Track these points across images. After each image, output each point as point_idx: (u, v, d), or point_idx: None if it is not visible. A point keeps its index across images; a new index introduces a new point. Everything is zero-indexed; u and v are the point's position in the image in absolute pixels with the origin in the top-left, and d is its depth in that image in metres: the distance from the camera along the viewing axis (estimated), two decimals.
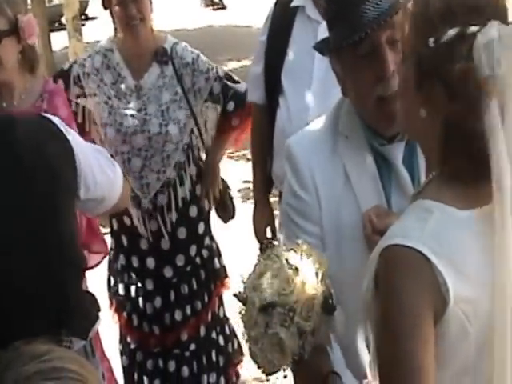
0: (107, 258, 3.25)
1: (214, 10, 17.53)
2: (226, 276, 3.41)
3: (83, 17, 15.24)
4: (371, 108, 1.66)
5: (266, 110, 2.95)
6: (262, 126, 3.02)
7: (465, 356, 1.34)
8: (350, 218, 1.66)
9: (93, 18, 16.04)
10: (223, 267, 3.42)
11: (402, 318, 1.31)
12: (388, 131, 1.69)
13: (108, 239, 3.21)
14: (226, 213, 3.41)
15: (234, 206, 3.42)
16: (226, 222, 3.44)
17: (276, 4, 2.93)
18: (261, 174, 3.12)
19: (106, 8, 3.09)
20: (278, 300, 1.49)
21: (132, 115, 3.07)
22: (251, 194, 5.96)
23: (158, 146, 3.08)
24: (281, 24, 2.86)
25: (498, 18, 1.27)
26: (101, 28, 14.11)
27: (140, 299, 3.30)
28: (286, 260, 1.55)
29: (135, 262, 3.27)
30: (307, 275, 1.52)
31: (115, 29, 3.15)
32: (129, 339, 3.37)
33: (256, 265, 1.58)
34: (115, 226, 3.30)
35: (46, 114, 2.12)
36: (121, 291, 3.33)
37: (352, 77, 1.69)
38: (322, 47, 1.79)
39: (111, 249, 3.31)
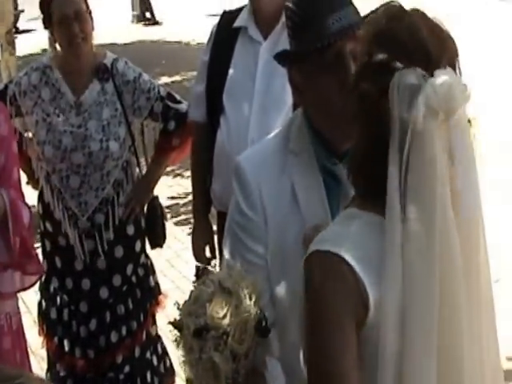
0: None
1: (146, 25, 17.49)
2: (160, 293, 3.40)
3: (14, 30, 15.01)
4: (335, 117, 1.66)
5: (207, 129, 2.96)
6: (202, 145, 3.02)
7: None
8: (296, 238, 1.65)
9: (24, 32, 15.80)
10: (157, 284, 3.41)
11: (323, 322, 1.34)
12: (344, 145, 1.68)
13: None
14: (155, 239, 3.37)
15: (164, 235, 3.39)
16: (152, 248, 3.41)
17: (219, 24, 2.97)
18: (200, 192, 3.11)
19: (46, 27, 3.08)
20: (212, 324, 1.50)
21: (71, 132, 3.05)
22: (180, 210, 6.13)
23: (99, 162, 3.05)
24: (223, 44, 2.89)
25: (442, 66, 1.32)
26: (33, 41, 14.02)
27: (73, 322, 3.23)
28: (220, 284, 1.56)
29: (69, 284, 3.22)
30: (240, 298, 1.53)
31: (52, 46, 3.15)
32: (58, 367, 3.30)
33: (191, 291, 1.59)
34: (48, 247, 3.24)
35: None
36: (52, 315, 3.26)
37: (316, 86, 1.68)
38: (281, 58, 1.79)
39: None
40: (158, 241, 3.37)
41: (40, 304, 3.32)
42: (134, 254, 3.26)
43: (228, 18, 2.94)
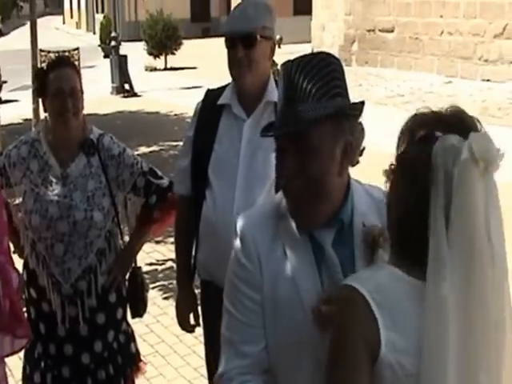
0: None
1: (125, 97, 17.85)
2: (141, 360, 3.47)
3: None
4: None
5: (192, 202, 3.03)
6: (186, 217, 3.10)
7: None
8: (287, 293, 1.80)
9: (6, 102, 16.03)
10: (138, 351, 3.47)
11: (341, 345, 1.53)
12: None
13: None
14: (135, 309, 3.44)
15: (145, 305, 3.46)
16: (133, 317, 3.46)
17: (203, 101, 3.06)
18: (184, 262, 3.18)
19: (38, 95, 3.21)
20: None
21: (57, 201, 3.14)
22: (158, 275, 6.21)
23: (83, 231, 3.14)
24: (208, 120, 2.98)
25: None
26: (15, 112, 14.21)
27: None
28: None
29: (52, 350, 3.27)
30: None
31: (37, 117, 3.31)
32: None
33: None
34: (32, 314, 3.30)
35: None
36: (36, 379, 3.31)
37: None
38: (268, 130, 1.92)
39: None
40: (139, 311, 3.45)
41: (24, 368, 3.37)
42: (115, 321, 3.33)
43: (212, 95, 3.03)
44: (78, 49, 3.49)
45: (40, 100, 3.29)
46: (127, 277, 3.41)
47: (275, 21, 2.95)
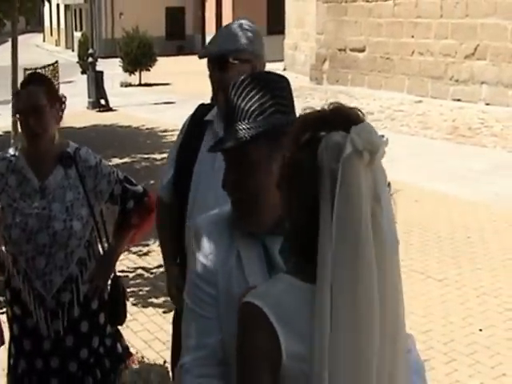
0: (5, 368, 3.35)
1: (101, 111, 18.07)
2: (130, 354, 3.42)
3: None
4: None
5: (174, 209, 3.15)
6: (168, 213, 3.21)
7: None
8: (240, 291, 1.85)
9: None
10: (125, 348, 3.49)
11: (243, 362, 1.62)
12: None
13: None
14: (115, 317, 3.46)
15: (125, 314, 3.49)
16: (112, 325, 3.46)
17: (193, 115, 3.16)
18: (168, 241, 3.26)
19: (14, 115, 3.34)
20: None
21: (37, 213, 3.18)
22: (129, 282, 6.29)
23: (63, 241, 3.18)
24: (193, 134, 3.08)
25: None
26: None
27: None
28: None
29: (39, 364, 3.28)
30: None
31: (15, 129, 3.42)
32: None
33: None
34: (16, 332, 3.32)
35: None
36: None
37: None
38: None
39: (10, 355, 3.35)
40: (119, 319, 3.48)
41: None
42: (98, 327, 3.36)
43: (202, 109, 3.14)
44: (56, 62, 3.59)
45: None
46: (108, 284, 3.45)
47: (262, 44, 3.03)
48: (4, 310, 3.48)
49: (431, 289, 6.22)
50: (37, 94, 3.18)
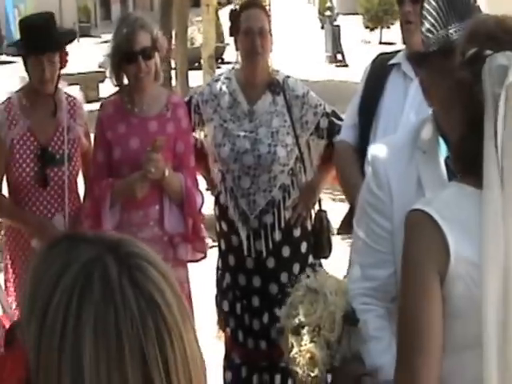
0: (215, 277, 3.53)
1: (337, 66, 18.45)
2: None
3: (220, 60, 16.33)
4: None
5: (357, 150, 3.09)
6: (351, 162, 3.12)
7: (473, 317, 1.49)
8: None
9: (228, 63, 17.14)
10: None
11: (409, 263, 1.55)
12: None
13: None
14: (320, 251, 3.49)
15: (330, 247, 3.50)
16: (317, 257, 3.49)
17: (374, 61, 3.18)
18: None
19: (231, 35, 3.43)
20: (305, 321, 1.78)
21: (244, 136, 3.31)
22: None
23: (266, 164, 3.28)
24: (376, 79, 3.07)
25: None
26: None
27: (246, 316, 3.43)
28: (307, 287, 1.83)
29: (242, 281, 3.42)
30: (326, 295, 1.80)
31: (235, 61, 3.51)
32: (233, 355, 3.50)
33: (287, 298, 1.93)
34: (223, 247, 3.49)
35: None
36: (225, 308, 3.49)
37: (436, 87, 1.86)
38: (416, 58, 1.98)
39: (218, 268, 3.53)
40: (323, 252, 3.51)
41: (216, 297, 3.58)
42: (300, 255, 3.43)
43: (383, 57, 3.17)
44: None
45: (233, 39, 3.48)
46: (313, 217, 3.50)
47: None
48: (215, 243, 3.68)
49: None
50: (262, 17, 3.33)
